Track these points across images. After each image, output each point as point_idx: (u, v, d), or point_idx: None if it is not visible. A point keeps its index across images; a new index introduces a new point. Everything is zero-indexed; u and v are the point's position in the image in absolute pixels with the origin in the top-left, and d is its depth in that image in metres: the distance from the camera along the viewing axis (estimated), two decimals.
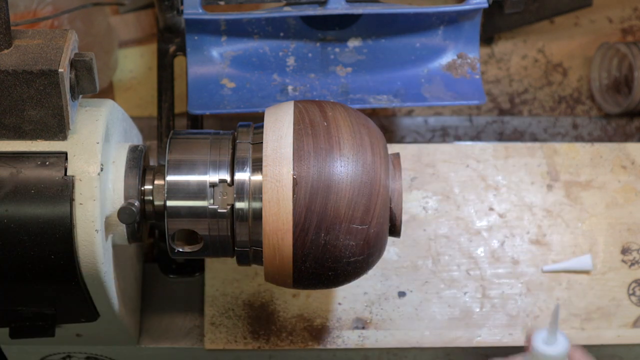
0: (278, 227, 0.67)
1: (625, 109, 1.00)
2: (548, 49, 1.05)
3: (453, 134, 1.03)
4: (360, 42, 0.89)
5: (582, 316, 0.87)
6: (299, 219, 0.66)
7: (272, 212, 0.67)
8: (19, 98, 0.66)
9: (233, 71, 0.87)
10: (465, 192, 0.90)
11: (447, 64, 0.88)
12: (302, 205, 0.66)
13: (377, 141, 0.69)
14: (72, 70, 0.67)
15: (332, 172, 0.67)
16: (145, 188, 0.72)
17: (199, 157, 0.71)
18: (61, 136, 0.68)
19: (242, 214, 0.69)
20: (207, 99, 0.86)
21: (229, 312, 0.86)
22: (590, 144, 0.94)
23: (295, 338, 0.85)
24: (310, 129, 0.68)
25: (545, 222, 0.90)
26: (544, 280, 0.88)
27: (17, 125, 0.68)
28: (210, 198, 0.69)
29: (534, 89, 1.04)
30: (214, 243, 0.71)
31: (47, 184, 0.67)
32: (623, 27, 1.06)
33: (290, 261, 0.68)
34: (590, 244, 0.90)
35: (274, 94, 0.87)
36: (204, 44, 0.86)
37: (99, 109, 0.71)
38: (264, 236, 0.67)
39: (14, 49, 0.66)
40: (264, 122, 0.70)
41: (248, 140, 0.71)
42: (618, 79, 1.03)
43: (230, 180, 0.69)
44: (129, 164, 0.72)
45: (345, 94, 0.87)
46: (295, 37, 0.88)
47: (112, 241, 0.72)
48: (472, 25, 0.87)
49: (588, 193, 0.91)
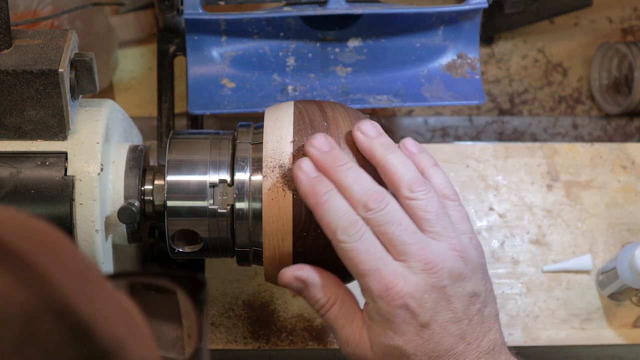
0: (278, 228, 0.67)
1: (625, 109, 1.00)
2: (548, 49, 1.05)
3: (453, 134, 1.03)
4: (360, 42, 0.89)
5: (582, 316, 0.87)
6: (299, 220, 0.66)
7: (272, 212, 0.67)
8: (19, 98, 0.66)
9: (233, 71, 0.87)
10: (465, 192, 0.90)
11: (447, 64, 0.88)
12: (303, 205, 0.66)
13: None
14: (72, 70, 0.67)
15: None
16: (145, 188, 0.72)
17: (199, 157, 0.70)
18: (61, 136, 0.68)
19: (242, 214, 0.69)
20: (207, 99, 0.85)
21: (229, 312, 0.86)
22: (590, 144, 0.94)
23: (295, 338, 0.85)
24: (310, 129, 0.68)
25: (545, 222, 0.90)
26: (544, 280, 0.88)
27: (17, 125, 0.68)
28: (210, 198, 0.69)
29: (534, 89, 1.04)
30: (214, 243, 0.71)
31: (47, 184, 0.67)
32: (623, 27, 1.06)
33: (290, 261, 0.68)
34: (590, 244, 0.90)
35: (274, 94, 0.87)
36: (204, 44, 0.86)
37: (99, 109, 0.71)
38: (264, 236, 0.67)
39: (14, 49, 0.66)
40: (264, 122, 0.70)
41: (248, 140, 0.71)
42: (618, 79, 1.03)
43: (230, 181, 0.69)
44: (129, 164, 0.72)
45: (345, 94, 0.87)
46: (295, 37, 0.88)
47: (112, 241, 0.72)
48: (472, 25, 0.87)
49: (588, 193, 0.91)
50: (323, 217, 0.63)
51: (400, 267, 0.63)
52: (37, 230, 0.35)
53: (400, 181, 0.65)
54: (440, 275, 0.63)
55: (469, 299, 0.64)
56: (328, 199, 0.63)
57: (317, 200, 0.63)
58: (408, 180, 0.65)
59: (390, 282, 0.62)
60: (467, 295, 0.64)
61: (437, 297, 0.63)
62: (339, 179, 0.64)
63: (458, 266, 0.64)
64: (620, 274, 0.81)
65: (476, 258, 0.65)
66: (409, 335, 0.63)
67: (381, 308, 0.63)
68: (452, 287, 0.63)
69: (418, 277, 0.62)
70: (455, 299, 0.63)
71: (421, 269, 0.63)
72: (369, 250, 0.62)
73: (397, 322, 0.63)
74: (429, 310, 0.62)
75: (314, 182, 0.64)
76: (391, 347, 0.63)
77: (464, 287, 0.64)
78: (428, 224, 0.64)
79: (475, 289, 0.64)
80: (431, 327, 0.63)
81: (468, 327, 0.64)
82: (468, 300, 0.64)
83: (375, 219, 0.63)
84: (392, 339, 0.63)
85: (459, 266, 0.64)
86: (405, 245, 0.63)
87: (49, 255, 0.34)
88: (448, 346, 0.63)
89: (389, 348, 0.64)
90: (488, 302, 0.66)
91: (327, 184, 0.64)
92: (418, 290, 0.62)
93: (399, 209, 0.64)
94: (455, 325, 0.63)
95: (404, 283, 0.62)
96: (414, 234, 0.63)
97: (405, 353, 0.63)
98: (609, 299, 0.86)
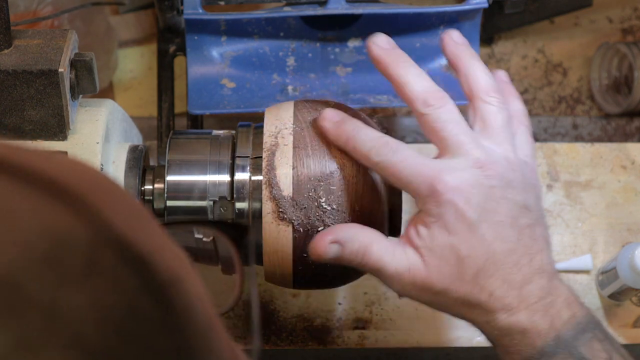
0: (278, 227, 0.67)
1: (625, 109, 1.00)
2: (548, 49, 1.05)
3: None
4: (360, 42, 0.89)
5: None
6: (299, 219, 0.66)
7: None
8: (19, 98, 0.66)
9: (233, 71, 0.87)
10: None
11: (447, 64, 0.88)
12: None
13: None
14: (72, 70, 0.67)
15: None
16: (145, 188, 0.72)
17: (199, 157, 0.70)
18: (61, 136, 0.68)
19: (243, 214, 0.69)
20: (207, 99, 0.85)
21: (229, 312, 0.86)
22: (590, 144, 0.94)
23: (295, 338, 0.85)
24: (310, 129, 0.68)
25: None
26: None
27: (17, 125, 0.68)
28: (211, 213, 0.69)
29: (534, 89, 1.04)
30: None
31: None
32: (623, 27, 1.06)
33: (290, 261, 0.68)
34: (590, 244, 0.90)
35: (274, 94, 0.87)
36: (204, 44, 0.86)
37: (99, 109, 0.71)
38: (264, 236, 0.67)
39: (14, 49, 0.66)
40: (264, 122, 0.70)
41: (248, 140, 0.71)
42: (618, 79, 1.03)
43: (230, 180, 0.69)
44: (129, 164, 0.72)
45: (345, 94, 0.87)
46: (295, 37, 0.88)
47: None
48: (472, 25, 0.87)
49: (588, 193, 0.91)
50: (356, 149, 0.64)
51: (447, 163, 0.62)
52: (90, 172, 0.37)
53: (479, 85, 0.66)
54: (490, 174, 0.61)
55: (519, 209, 0.62)
56: (357, 133, 0.64)
57: (347, 136, 0.65)
58: (487, 86, 0.66)
59: (436, 177, 0.61)
60: (516, 204, 0.62)
61: (485, 195, 0.61)
62: (400, 75, 0.65)
63: (510, 174, 0.62)
64: (620, 274, 0.81)
65: (531, 179, 0.64)
66: (461, 234, 0.61)
67: (431, 209, 0.61)
68: (501, 190, 0.61)
69: (466, 173, 0.61)
70: (505, 204, 0.61)
71: (471, 165, 0.62)
72: (406, 159, 0.62)
73: (447, 219, 0.61)
74: (476, 206, 0.61)
75: (339, 124, 0.66)
76: (446, 247, 0.61)
77: (514, 196, 0.62)
78: (491, 131, 0.64)
79: (526, 202, 0.62)
80: (482, 227, 0.61)
81: (519, 239, 0.62)
82: (518, 211, 0.62)
83: (433, 115, 0.63)
84: (445, 239, 0.61)
85: (510, 174, 0.62)
86: (459, 143, 0.62)
87: (104, 194, 0.35)
88: (502, 252, 0.61)
89: (444, 250, 0.61)
90: (539, 222, 0.63)
91: (351, 122, 0.65)
92: (465, 184, 0.61)
93: (455, 109, 0.64)
94: (504, 231, 0.61)
95: (450, 177, 0.61)
96: (470, 135, 0.63)
97: (460, 254, 0.61)
98: (609, 299, 0.86)
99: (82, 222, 0.33)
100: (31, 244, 0.31)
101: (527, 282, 0.61)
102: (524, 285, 0.61)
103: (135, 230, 0.34)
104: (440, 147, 0.64)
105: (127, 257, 0.33)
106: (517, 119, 0.68)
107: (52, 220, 0.32)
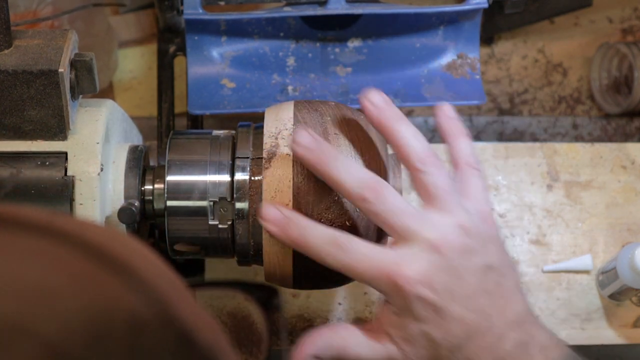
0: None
1: (625, 109, 1.00)
2: (548, 49, 1.05)
3: None
4: (360, 42, 0.89)
5: (582, 316, 0.87)
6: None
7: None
8: (19, 98, 0.66)
9: (233, 71, 0.87)
10: None
11: (447, 64, 0.88)
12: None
13: (377, 141, 0.69)
14: (72, 70, 0.67)
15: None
16: (145, 188, 0.72)
17: (199, 158, 0.71)
18: (61, 136, 0.68)
19: (243, 214, 0.69)
20: (207, 99, 0.85)
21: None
22: (590, 144, 0.94)
23: (295, 338, 0.85)
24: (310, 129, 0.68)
25: (545, 222, 0.90)
26: (544, 280, 0.88)
27: (17, 125, 0.68)
28: (211, 214, 0.69)
29: (534, 89, 1.04)
30: (214, 243, 0.71)
31: (47, 184, 0.67)
32: (623, 27, 1.06)
33: (290, 261, 0.68)
34: (590, 244, 0.90)
35: (274, 94, 0.87)
36: (204, 44, 0.86)
37: (99, 109, 0.71)
38: (264, 236, 0.67)
39: (14, 49, 0.66)
40: (264, 122, 0.70)
41: (248, 140, 0.71)
42: (618, 79, 1.03)
43: (230, 181, 0.69)
44: (129, 164, 0.72)
45: (345, 94, 0.87)
46: (295, 37, 0.88)
47: None
48: (472, 25, 0.87)
49: (588, 193, 0.91)
50: (308, 252, 0.63)
51: (403, 253, 0.61)
52: (128, 240, 0.36)
53: (411, 154, 0.64)
54: (448, 254, 0.61)
55: (483, 272, 0.62)
56: (304, 234, 0.63)
57: (296, 237, 0.63)
58: (419, 154, 0.64)
59: (395, 273, 0.60)
60: (480, 269, 0.62)
61: (448, 276, 0.61)
62: (330, 172, 0.63)
63: (467, 241, 0.62)
64: (620, 274, 0.81)
65: (486, 231, 0.64)
66: (432, 321, 0.61)
67: (398, 303, 0.61)
68: (462, 261, 0.61)
69: (424, 261, 0.61)
70: (469, 274, 0.61)
71: (427, 250, 0.61)
72: (359, 258, 0.61)
73: (416, 311, 0.61)
74: (442, 291, 0.60)
75: (289, 221, 0.64)
76: (419, 336, 0.61)
77: (477, 261, 0.62)
78: (436, 199, 0.63)
79: (488, 261, 0.62)
80: (451, 308, 0.61)
81: (488, 301, 0.61)
82: (483, 274, 0.61)
83: (373, 209, 0.62)
84: (417, 328, 0.61)
85: (468, 241, 0.62)
86: (407, 229, 0.61)
87: (147, 263, 0.34)
88: (473, 324, 0.61)
89: (418, 338, 0.62)
90: (505, 273, 0.63)
91: (299, 221, 0.64)
92: (426, 273, 0.60)
93: (395, 194, 0.63)
94: (474, 302, 0.61)
95: (409, 269, 0.60)
96: (414, 216, 0.62)
97: (434, 340, 0.61)
98: (609, 299, 0.86)
99: (130, 292, 0.32)
100: (80, 319, 0.30)
101: (501, 340, 0.61)
102: (499, 346, 0.61)
103: (179, 302, 0.33)
104: (390, 234, 0.63)
105: (172, 332, 0.32)
106: (464, 162, 0.67)
107: (103, 292, 0.31)
